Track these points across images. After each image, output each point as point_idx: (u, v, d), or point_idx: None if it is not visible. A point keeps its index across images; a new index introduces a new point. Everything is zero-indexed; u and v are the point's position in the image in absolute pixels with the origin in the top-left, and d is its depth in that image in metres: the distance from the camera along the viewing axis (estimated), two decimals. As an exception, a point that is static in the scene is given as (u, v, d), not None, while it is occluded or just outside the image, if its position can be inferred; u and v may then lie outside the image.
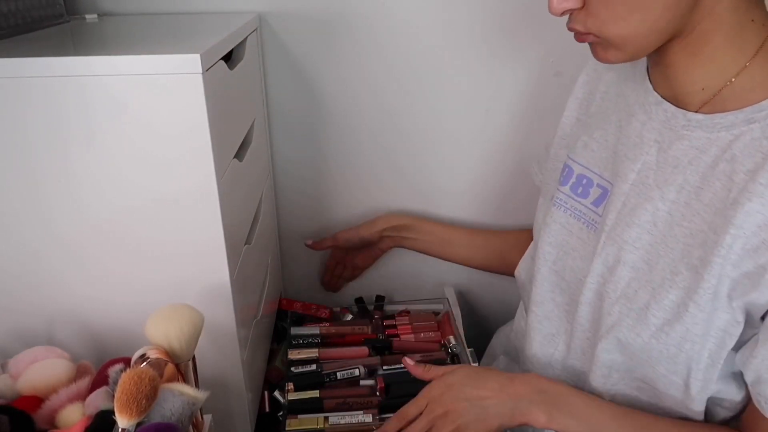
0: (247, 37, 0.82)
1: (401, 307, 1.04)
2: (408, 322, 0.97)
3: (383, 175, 1.06)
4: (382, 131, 1.02)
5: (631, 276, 0.64)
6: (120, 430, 0.48)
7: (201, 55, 0.55)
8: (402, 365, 0.85)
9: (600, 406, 0.66)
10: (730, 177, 0.56)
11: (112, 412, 0.48)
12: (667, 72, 0.61)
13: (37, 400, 0.55)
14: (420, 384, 0.82)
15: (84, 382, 0.57)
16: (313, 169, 1.05)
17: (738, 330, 0.58)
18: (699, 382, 0.60)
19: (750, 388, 0.58)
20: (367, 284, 1.14)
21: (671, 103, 0.62)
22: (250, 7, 0.93)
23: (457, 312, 0.99)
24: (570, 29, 0.60)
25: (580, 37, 0.60)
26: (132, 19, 0.88)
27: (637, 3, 0.54)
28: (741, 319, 0.57)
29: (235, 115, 0.73)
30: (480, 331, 1.11)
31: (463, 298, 1.15)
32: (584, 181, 0.72)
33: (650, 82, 0.66)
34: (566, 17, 0.59)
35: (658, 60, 0.62)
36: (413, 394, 0.79)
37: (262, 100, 0.97)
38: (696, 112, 0.60)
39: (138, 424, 0.48)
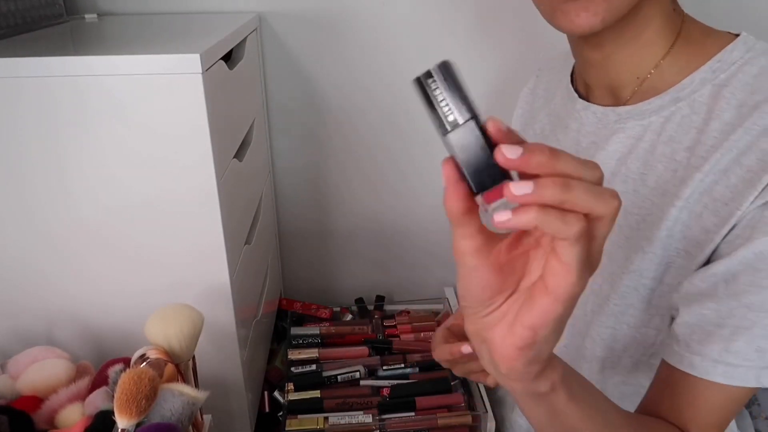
0: (247, 37, 0.82)
1: (401, 307, 1.04)
2: (408, 322, 0.97)
3: (383, 175, 1.06)
4: (381, 130, 1.02)
5: (596, 272, 0.64)
6: (120, 430, 0.48)
7: (201, 55, 0.55)
8: (402, 365, 0.85)
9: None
10: (672, 157, 0.58)
11: (111, 412, 0.48)
12: (605, 64, 0.62)
13: (36, 400, 0.55)
14: (419, 385, 0.82)
15: (84, 382, 0.57)
16: (313, 168, 1.05)
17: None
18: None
19: (676, 331, 0.54)
20: (367, 284, 1.14)
21: (599, 105, 0.65)
22: (250, 7, 0.93)
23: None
24: None
25: None
26: (132, 19, 0.88)
27: None
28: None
29: (235, 115, 0.73)
30: (480, 331, 1.11)
31: (463, 298, 1.15)
32: None
33: (576, 91, 0.68)
34: None
35: (596, 54, 0.62)
36: (413, 394, 0.79)
37: (262, 100, 0.97)
38: (624, 105, 0.62)
39: (138, 424, 0.48)
